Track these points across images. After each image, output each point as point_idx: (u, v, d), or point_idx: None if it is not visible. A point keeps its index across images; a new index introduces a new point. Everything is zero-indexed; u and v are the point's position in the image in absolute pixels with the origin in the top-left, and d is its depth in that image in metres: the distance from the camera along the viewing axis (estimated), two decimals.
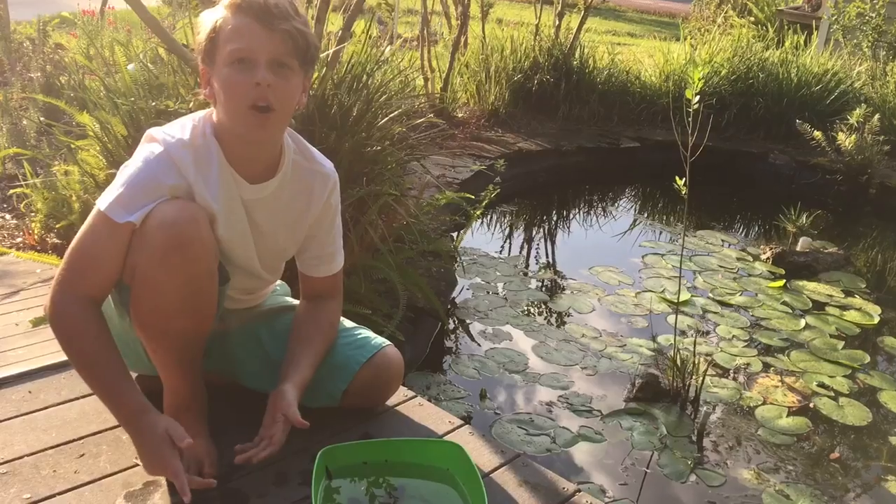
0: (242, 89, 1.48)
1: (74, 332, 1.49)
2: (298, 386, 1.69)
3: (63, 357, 1.98)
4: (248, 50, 1.48)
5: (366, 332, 1.91)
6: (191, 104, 2.69)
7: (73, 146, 3.09)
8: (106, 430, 1.75)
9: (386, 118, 3.20)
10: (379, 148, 3.11)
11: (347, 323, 1.94)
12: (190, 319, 1.56)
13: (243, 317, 1.88)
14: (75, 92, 3.99)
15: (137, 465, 1.63)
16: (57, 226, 3.08)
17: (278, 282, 2.04)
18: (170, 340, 1.58)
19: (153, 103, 2.78)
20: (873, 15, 7.56)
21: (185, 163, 1.54)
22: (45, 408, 1.83)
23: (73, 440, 1.71)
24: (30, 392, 1.90)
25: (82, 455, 1.67)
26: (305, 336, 1.79)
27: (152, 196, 1.51)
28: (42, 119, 4.07)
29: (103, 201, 1.51)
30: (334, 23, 3.65)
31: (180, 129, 1.59)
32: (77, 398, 1.87)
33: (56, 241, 3.06)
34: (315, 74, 2.92)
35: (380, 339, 1.89)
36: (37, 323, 2.25)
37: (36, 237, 3.11)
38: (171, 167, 1.53)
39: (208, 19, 1.53)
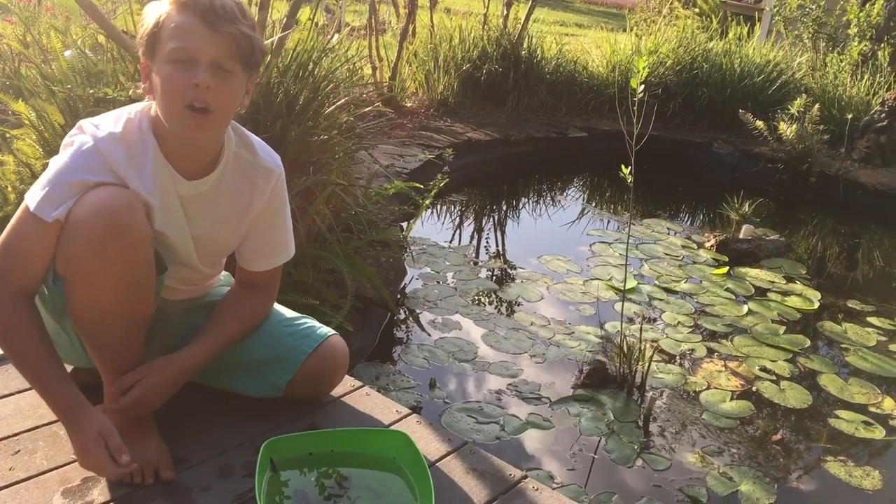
0: (180, 88, 1.44)
1: (7, 327, 1.47)
2: (208, 345, 1.69)
3: None
4: (190, 50, 1.44)
5: (310, 322, 1.89)
6: (129, 92, 2.63)
7: (7, 135, 3.00)
8: (42, 425, 1.70)
9: (333, 107, 3.17)
10: (326, 137, 3.07)
11: (290, 313, 1.92)
12: (127, 311, 1.52)
13: (184, 307, 1.84)
14: (10, 80, 3.87)
15: (75, 461, 1.59)
16: None
17: (222, 273, 2.01)
18: (107, 333, 1.54)
19: (91, 91, 2.71)
20: (813, 7, 7.72)
21: (116, 158, 1.50)
22: None
23: (8, 436, 1.66)
24: None
25: (17, 452, 1.62)
26: (219, 317, 1.75)
27: (78, 192, 1.46)
28: None
29: (31, 198, 1.46)
30: (279, 10, 3.60)
31: (114, 121, 1.54)
32: (11, 394, 1.81)
33: None
34: None
35: (325, 329, 1.87)
36: None
37: None
38: (100, 163, 1.49)
39: (152, 13, 1.48)
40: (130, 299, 1.51)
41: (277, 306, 1.92)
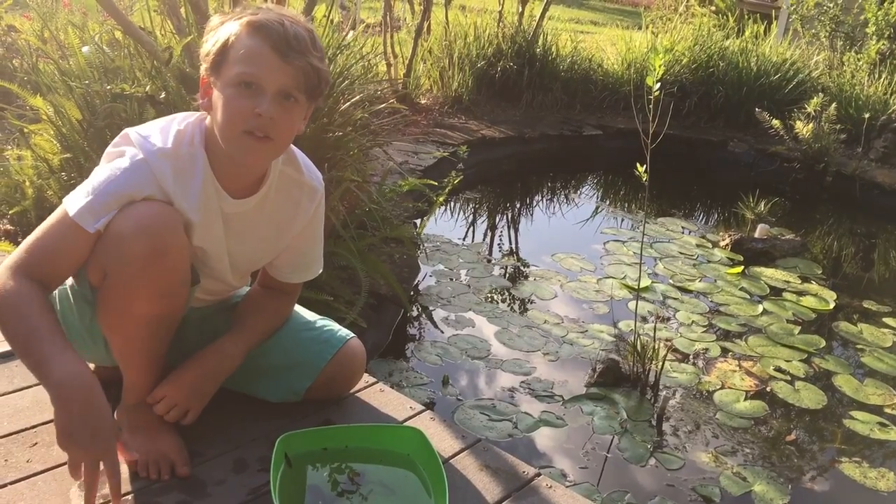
0: (243, 115, 1.42)
1: (20, 302, 1.37)
2: (239, 342, 1.69)
3: None
4: (258, 77, 1.41)
5: (329, 325, 1.88)
6: (147, 88, 2.64)
7: (26, 130, 3.02)
8: None
9: (348, 103, 3.17)
10: (341, 134, 3.08)
11: (310, 315, 1.91)
12: (160, 324, 1.53)
13: (202, 313, 1.83)
14: (29, 75, 3.89)
15: None
16: (10, 212, 3.01)
17: None
18: (138, 343, 1.54)
19: (108, 87, 2.73)
20: (831, 5, 7.67)
21: (164, 174, 1.47)
22: None
23: (26, 429, 1.67)
24: None
25: (35, 444, 1.63)
26: (244, 316, 1.76)
27: (122, 206, 1.43)
28: None
29: (72, 205, 1.42)
30: (295, 7, 3.60)
31: (162, 134, 1.50)
32: (29, 386, 1.83)
33: (8, 227, 2.99)
34: None
35: (343, 332, 1.87)
36: None
37: None
38: (147, 178, 1.46)
39: (223, 30, 1.45)
40: (163, 315, 1.52)
41: (297, 307, 1.92)
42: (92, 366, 1.83)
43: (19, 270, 1.41)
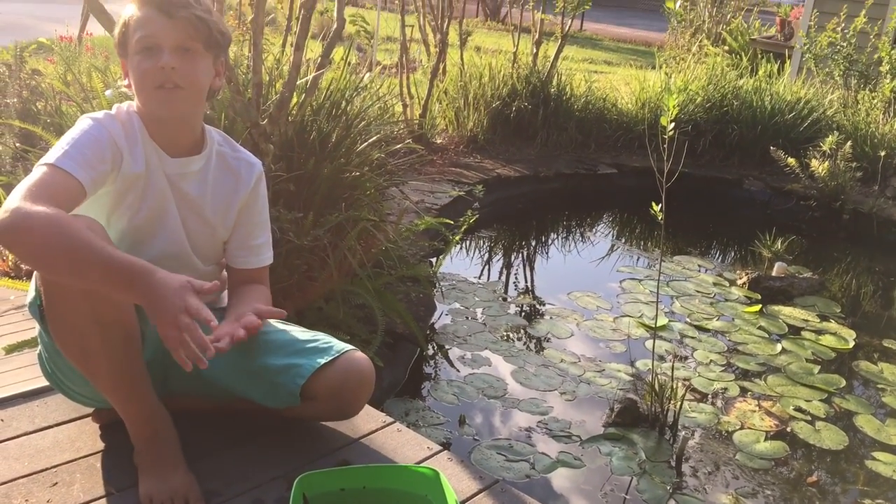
0: (150, 73, 1.60)
1: (53, 219, 1.38)
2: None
3: (36, 384, 1.97)
4: (152, 38, 1.60)
5: (330, 339, 1.86)
6: None
7: None
8: (80, 458, 1.73)
9: (365, 144, 3.21)
10: (358, 173, 3.12)
11: (308, 334, 1.88)
12: (105, 323, 1.52)
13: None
14: (52, 118, 3.97)
15: (112, 493, 1.61)
16: None
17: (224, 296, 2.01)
18: (103, 360, 1.55)
19: None
20: (844, 44, 7.69)
21: (117, 132, 1.64)
22: (18, 436, 1.81)
23: (46, 469, 1.69)
24: (2, 420, 1.87)
25: (55, 484, 1.64)
26: (232, 307, 1.81)
27: (97, 155, 1.56)
28: (18, 145, 4.04)
29: (48, 159, 1.50)
30: (313, 50, 3.67)
31: (108, 110, 1.70)
32: (51, 426, 1.84)
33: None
34: (294, 100, 2.93)
35: (344, 344, 1.84)
36: (10, 350, 2.22)
37: (10, 263, 3.07)
38: (106, 133, 1.62)
39: (123, 14, 1.66)
40: (104, 314, 1.51)
41: (295, 329, 1.90)
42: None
43: (27, 199, 1.40)
